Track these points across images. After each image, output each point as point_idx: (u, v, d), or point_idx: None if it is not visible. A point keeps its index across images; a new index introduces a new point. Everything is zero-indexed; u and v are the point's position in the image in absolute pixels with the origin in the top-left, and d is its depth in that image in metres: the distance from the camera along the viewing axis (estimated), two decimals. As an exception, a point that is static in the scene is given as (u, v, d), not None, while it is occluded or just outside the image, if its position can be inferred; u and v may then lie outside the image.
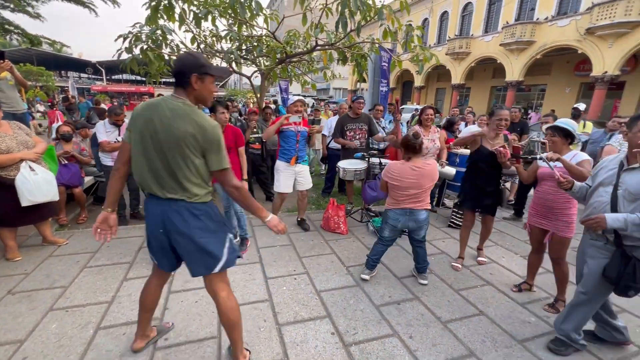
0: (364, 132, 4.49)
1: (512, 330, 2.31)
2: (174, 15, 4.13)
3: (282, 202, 3.91)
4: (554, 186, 2.42)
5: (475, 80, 22.71)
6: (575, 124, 2.46)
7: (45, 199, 2.88)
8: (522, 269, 3.16)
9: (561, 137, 2.41)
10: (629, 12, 12.07)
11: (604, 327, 2.16)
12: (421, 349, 2.09)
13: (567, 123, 2.42)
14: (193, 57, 1.55)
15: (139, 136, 1.52)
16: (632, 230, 1.69)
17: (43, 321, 2.20)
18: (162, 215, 1.60)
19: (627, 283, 1.76)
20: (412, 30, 4.63)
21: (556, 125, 2.43)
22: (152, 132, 1.49)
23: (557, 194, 2.42)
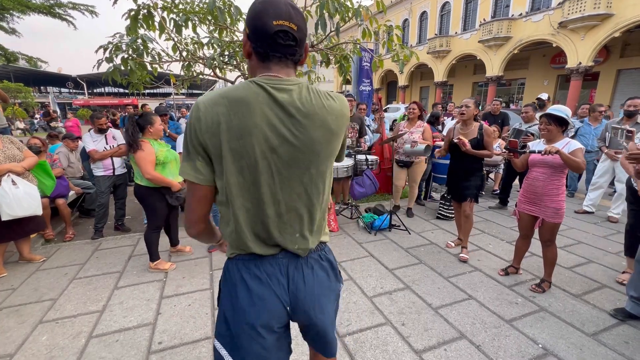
0: (355, 132, 4.56)
1: (500, 312, 2.39)
2: (154, 24, 4.13)
3: None
4: (544, 172, 2.49)
5: (457, 77, 23.20)
6: (568, 110, 2.44)
7: (25, 214, 2.82)
8: (508, 254, 3.26)
9: (556, 125, 2.42)
10: (598, 5, 12.58)
11: (637, 302, 2.24)
12: (413, 335, 2.14)
13: (560, 110, 2.41)
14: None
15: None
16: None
17: (33, 334, 2.16)
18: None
19: None
20: (392, 30, 4.75)
21: (550, 113, 2.43)
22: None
23: (546, 180, 2.48)
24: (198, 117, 0.83)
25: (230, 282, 0.96)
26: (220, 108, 0.83)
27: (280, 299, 0.95)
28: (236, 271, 0.95)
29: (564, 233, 3.82)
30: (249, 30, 0.87)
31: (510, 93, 20.68)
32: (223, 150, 0.84)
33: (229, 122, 0.82)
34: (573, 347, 2.03)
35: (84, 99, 36.72)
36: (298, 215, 0.95)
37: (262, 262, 0.95)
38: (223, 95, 0.84)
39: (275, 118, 0.85)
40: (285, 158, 0.88)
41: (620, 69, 14.82)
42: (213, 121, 0.82)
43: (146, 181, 2.81)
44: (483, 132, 3.03)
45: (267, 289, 0.94)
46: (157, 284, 2.78)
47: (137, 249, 3.49)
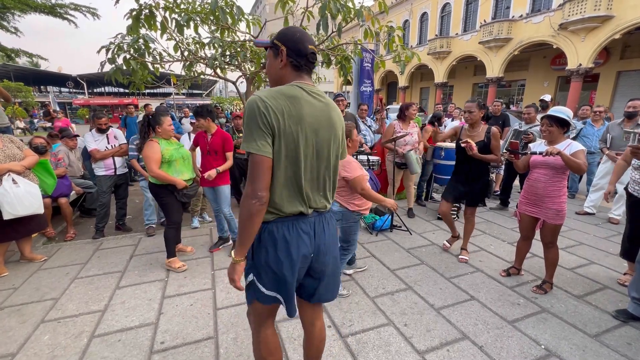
0: None
1: (502, 312, 2.39)
2: (155, 24, 4.13)
3: None
4: (545, 174, 2.48)
5: (458, 78, 23.22)
6: (570, 112, 2.43)
7: (27, 212, 2.83)
8: (510, 255, 3.26)
9: (557, 126, 2.41)
10: (598, 7, 12.60)
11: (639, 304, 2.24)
12: (416, 336, 2.14)
13: (561, 111, 2.40)
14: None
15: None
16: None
17: (35, 334, 2.16)
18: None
19: None
20: (393, 31, 4.76)
21: (552, 114, 2.41)
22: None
23: (548, 182, 2.47)
24: (266, 107, 1.10)
25: (269, 237, 1.22)
26: (281, 101, 1.12)
27: (309, 248, 1.27)
28: (277, 228, 1.21)
29: (565, 234, 3.82)
30: (290, 49, 1.20)
31: (511, 94, 20.69)
32: (285, 131, 1.12)
33: (289, 112, 1.13)
34: (576, 348, 2.03)
35: (84, 98, 36.65)
36: (324, 181, 1.29)
37: (295, 221, 1.24)
38: (278, 93, 1.14)
39: (316, 110, 1.20)
40: (322, 138, 1.23)
41: (620, 71, 14.84)
42: (279, 110, 1.11)
43: (153, 178, 2.85)
44: (491, 136, 2.94)
45: (302, 241, 1.24)
46: (159, 284, 2.78)
47: (138, 248, 3.48)
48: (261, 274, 1.24)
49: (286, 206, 1.20)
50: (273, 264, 1.21)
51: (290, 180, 1.19)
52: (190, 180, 3.05)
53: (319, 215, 1.30)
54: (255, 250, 1.25)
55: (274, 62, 1.24)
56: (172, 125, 3.00)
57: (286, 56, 1.20)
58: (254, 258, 1.26)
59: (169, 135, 2.97)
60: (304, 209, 1.23)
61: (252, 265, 1.27)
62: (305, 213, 1.24)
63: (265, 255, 1.22)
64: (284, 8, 4.28)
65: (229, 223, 3.35)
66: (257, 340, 1.41)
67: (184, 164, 3.01)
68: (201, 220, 4.28)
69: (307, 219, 1.26)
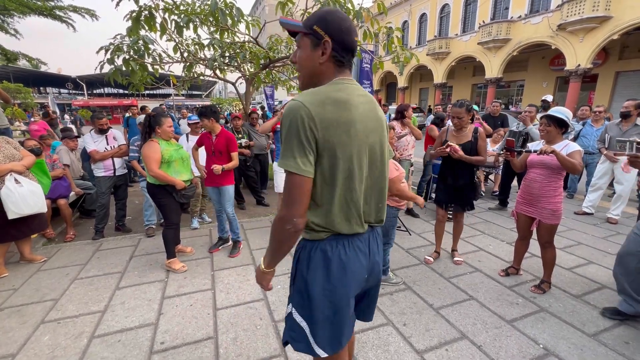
0: None
1: (501, 312, 2.40)
2: (155, 25, 4.15)
3: None
4: (541, 174, 2.50)
5: (457, 79, 23.26)
6: (569, 113, 2.44)
7: (31, 211, 2.85)
8: (508, 255, 3.27)
9: (555, 127, 2.41)
10: (596, 7, 12.64)
11: (631, 302, 2.24)
12: (415, 335, 2.15)
13: (560, 112, 2.41)
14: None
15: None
16: None
17: (35, 334, 2.17)
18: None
19: None
20: (392, 32, 4.78)
21: (550, 114, 2.43)
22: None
23: (543, 181, 2.48)
24: (310, 116, 0.93)
25: (322, 258, 1.06)
26: (331, 107, 0.95)
27: (364, 270, 1.12)
28: (331, 249, 1.06)
29: (563, 234, 3.83)
30: (335, 41, 1.00)
31: (510, 95, 20.73)
32: (336, 144, 0.96)
33: (339, 120, 0.96)
34: (574, 347, 2.04)
35: (83, 99, 36.70)
36: (380, 190, 1.14)
37: (352, 240, 1.08)
38: (325, 98, 0.96)
39: (365, 112, 1.03)
40: (373, 142, 1.07)
41: (618, 71, 14.88)
42: (327, 120, 0.94)
43: (152, 179, 2.85)
44: (478, 136, 2.89)
45: (360, 263, 1.10)
46: (159, 285, 2.78)
47: (138, 249, 3.49)
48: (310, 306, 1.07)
49: (342, 227, 1.05)
50: (332, 289, 1.05)
51: (345, 197, 1.03)
52: (188, 181, 3.06)
53: (372, 231, 1.16)
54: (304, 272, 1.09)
55: (312, 54, 1.03)
56: (172, 126, 3.01)
57: (329, 49, 1.00)
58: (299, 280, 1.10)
59: (168, 136, 2.98)
60: (360, 228, 1.08)
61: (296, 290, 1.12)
62: (362, 231, 1.10)
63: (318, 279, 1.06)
64: (284, 9, 4.30)
65: (231, 223, 3.36)
66: None
67: (182, 165, 3.02)
68: (201, 221, 4.28)
69: (362, 236, 1.11)
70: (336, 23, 1.00)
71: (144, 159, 2.84)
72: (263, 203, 5.10)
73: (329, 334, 1.08)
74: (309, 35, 1.02)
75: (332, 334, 1.09)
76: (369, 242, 1.14)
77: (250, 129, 5.21)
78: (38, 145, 3.74)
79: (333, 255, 1.05)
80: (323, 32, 0.99)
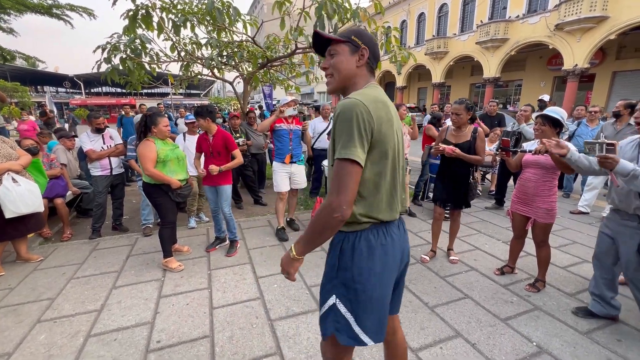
0: None
1: (495, 310, 2.41)
2: (152, 24, 4.14)
3: (284, 203, 3.83)
4: (536, 173, 2.53)
5: (455, 79, 23.30)
6: (564, 113, 2.48)
7: (29, 210, 2.85)
8: (504, 254, 3.29)
9: (550, 126, 2.43)
10: (594, 7, 12.68)
11: (601, 303, 2.26)
12: (410, 334, 2.16)
13: (555, 112, 2.43)
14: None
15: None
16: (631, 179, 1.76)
17: (31, 333, 2.17)
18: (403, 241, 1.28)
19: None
20: (390, 32, 4.79)
21: (545, 114, 2.46)
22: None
23: (538, 181, 2.51)
24: (369, 112, 1.05)
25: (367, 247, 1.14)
26: (379, 105, 1.10)
27: (400, 252, 1.22)
28: (375, 237, 1.15)
29: (559, 233, 3.86)
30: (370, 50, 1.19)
31: (508, 94, 20.79)
32: (386, 137, 1.10)
33: (387, 115, 1.11)
34: (567, 345, 2.06)
35: (81, 98, 36.55)
36: (402, 182, 1.25)
37: (389, 227, 1.19)
38: (373, 98, 1.10)
39: (394, 113, 1.18)
40: (399, 138, 1.20)
41: (615, 71, 14.94)
42: (379, 115, 1.08)
43: (148, 178, 2.86)
44: (477, 136, 2.93)
45: (397, 249, 1.20)
46: (155, 284, 2.79)
47: (135, 248, 3.49)
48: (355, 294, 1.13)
49: (386, 214, 1.16)
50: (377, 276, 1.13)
51: (391, 186, 1.16)
52: (184, 181, 3.06)
53: (399, 218, 1.26)
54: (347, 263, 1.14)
55: (350, 59, 1.18)
56: (168, 126, 3.01)
57: (366, 57, 1.19)
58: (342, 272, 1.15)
59: (164, 135, 2.98)
60: (397, 214, 1.21)
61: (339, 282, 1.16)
62: (397, 217, 1.22)
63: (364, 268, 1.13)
64: (281, 8, 4.30)
65: (228, 223, 3.36)
66: None
67: (178, 165, 3.03)
68: (198, 220, 4.29)
69: (395, 222, 1.21)
70: (369, 37, 1.20)
71: (139, 158, 2.84)
72: (260, 202, 5.10)
73: (376, 321, 1.16)
74: (348, 44, 1.18)
75: (379, 322, 1.17)
76: (399, 228, 1.24)
77: (247, 128, 5.21)
78: (35, 144, 3.73)
79: (377, 243, 1.14)
80: (360, 42, 1.17)
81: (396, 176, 1.18)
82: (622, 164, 1.77)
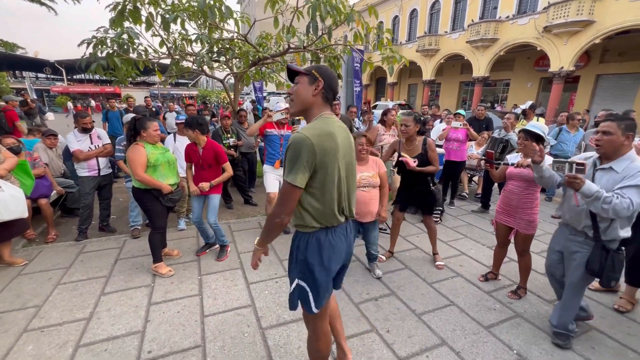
0: None
1: (479, 318, 2.51)
2: (140, 18, 4.01)
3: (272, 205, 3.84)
4: (519, 186, 2.63)
5: (445, 76, 23.49)
6: (545, 128, 2.58)
7: (11, 217, 2.78)
8: (489, 260, 3.40)
9: (532, 141, 2.51)
10: (581, 11, 12.95)
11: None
12: (398, 342, 2.24)
13: (537, 127, 2.52)
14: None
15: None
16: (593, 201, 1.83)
17: (17, 344, 2.14)
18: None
19: (608, 274, 1.94)
20: (382, 33, 4.79)
21: (527, 129, 2.55)
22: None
23: (521, 193, 2.62)
24: (313, 146, 1.32)
25: (316, 245, 1.47)
26: (325, 137, 1.36)
27: (345, 247, 1.57)
28: (323, 237, 1.48)
29: (540, 238, 4.01)
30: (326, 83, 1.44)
31: (496, 93, 21.14)
32: (328, 164, 1.38)
33: (330, 147, 1.37)
34: (545, 352, 2.17)
35: (62, 85, 35.17)
36: (350, 195, 1.57)
37: (336, 229, 1.52)
38: (321, 132, 1.36)
39: (344, 140, 1.46)
40: (349, 160, 1.52)
41: (599, 74, 15.36)
42: (323, 147, 1.34)
43: (138, 182, 2.82)
44: (427, 147, 3.08)
45: (342, 245, 1.54)
46: (145, 290, 2.78)
47: (123, 251, 3.45)
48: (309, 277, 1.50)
49: (332, 220, 1.48)
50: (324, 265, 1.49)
51: (333, 199, 1.45)
52: (175, 185, 3.03)
53: (348, 222, 1.60)
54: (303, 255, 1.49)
55: (308, 88, 1.44)
56: (158, 130, 2.96)
57: (322, 87, 1.43)
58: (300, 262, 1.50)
59: (154, 140, 2.93)
60: (342, 220, 1.53)
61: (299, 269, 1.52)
62: (342, 222, 1.54)
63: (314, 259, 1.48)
64: (274, 7, 4.24)
65: (215, 232, 3.32)
66: (317, 337, 1.65)
67: (169, 169, 2.99)
68: (187, 221, 4.25)
69: (342, 225, 1.55)
70: (327, 73, 1.45)
71: (129, 163, 2.79)
72: (251, 202, 5.09)
73: (321, 295, 1.52)
74: (309, 76, 1.44)
75: (323, 295, 1.53)
76: (347, 229, 1.59)
77: (238, 128, 5.16)
78: (17, 143, 3.61)
79: (325, 242, 1.48)
80: (318, 75, 1.43)
81: (342, 191, 1.48)
82: (587, 185, 1.84)
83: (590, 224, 2.00)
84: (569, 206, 2.13)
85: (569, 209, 2.13)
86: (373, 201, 2.88)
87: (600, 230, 1.97)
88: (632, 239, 2.16)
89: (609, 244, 1.97)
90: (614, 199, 1.79)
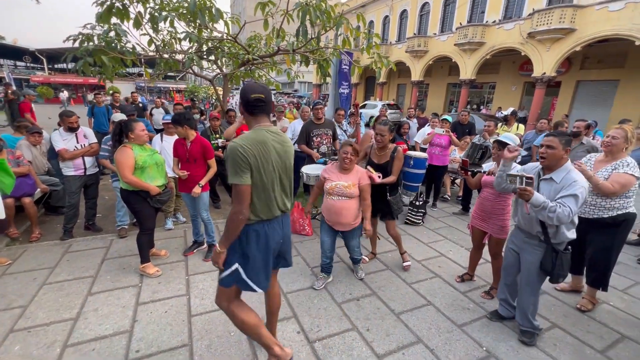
0: (329, 138, 4.68)
1: (453, 317, 2.68)
2: (128, 15, 3.99)
3: None
4: (492, 193, 2.80)
5: (433, 77, 23.89)
6: (517, 139, 2.77)
7: None
8: (466, 261, 3.56)
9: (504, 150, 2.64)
10: (563, 19, 13.40)
11: (506, 306, 2.62)
12: (376, 340, 2.37)
13: (509, 138, 2.73)
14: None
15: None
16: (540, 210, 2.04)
17: (4, 344, 2.17)
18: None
19: (558, 272, 2.19)
20: (372, 37, 4.90)
21: (500, 140, 2.78)
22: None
23: (494, 201, 2.80)
24: (244, 151, 1.58)
25: (255, 235, 1.74)
26: (254, 146, 1.62)
27: (280, 238, 1.88)
28: (260, 228, 1.75)
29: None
30: (243, 102, 1.72)
31: (482, 95, 21.65)
32: (261, 165, 1.66)
33: (260, 153, 1.65)
34: (511, 349, 2.34)
35: (43, 75, 33.96)
36: (286, 192, 1.87)
37: (271, 222, 1.79)
38: (251, 140, 1.63)
39: (277, 146, 1.74)
40: (282, 162, 1.79)
41: (579, 80, 15.97)
42: (253, 153, 1.61)
43: (125, 184, 2.85)
44: (395, 156, 3.10)
45: (277, 234, 1.84)
46: (133, 290, 2.82)
47: (110, 251, 3.47)
48: (248, 262, 1.76)
49: (266, 214, 1.76)
50: (261, 251, 1.77)
51: (267, 197, 1.73)
52: (163, 186, 3.08)
53: (283, 215, 1.88)
54: (244, 244, 1.75)
55: (241, 106, 1.76)
56: (145, 130, 2.98)
57: (243, 107, 1.74)
58: (240, 250, 1.76)
59: (142, 141, 2.96)
60: (277, 213, 1.80)
61: (239, 255, 1.76)
62: (278, 215, 1.82)
63: (252, 247, 1.75)
64: (264, 10, 4.28)
65: (206, 226, 3.40)
66: (234, 312, 1.85)
67: (157, 170, 3.03)
68: (175, 221, 4.28)
69: (277, 218, 1.83)
70: (242, 91, 1.74)
71: (117, 165, 2.82)
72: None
73: (262, 277, 1.81)
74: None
75: (264, 278, 1.82)
76: (282, 222, 1.87)
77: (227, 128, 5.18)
78: None
79: (261, 232, 1.76)
80: (240, 98, 1.74)
81: (275, 189, 1.76)
82: (535, 196, 2.05)
83: (541, 229, 2.21)
84: (522, 214, 2.33)
85: (523, 217, 2.33)
86: (345, 212, 2.78)
87: (550, 234, 2.18)
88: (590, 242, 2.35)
89: (557, 246, 2.19)
90: (557, 208, 2.00)
